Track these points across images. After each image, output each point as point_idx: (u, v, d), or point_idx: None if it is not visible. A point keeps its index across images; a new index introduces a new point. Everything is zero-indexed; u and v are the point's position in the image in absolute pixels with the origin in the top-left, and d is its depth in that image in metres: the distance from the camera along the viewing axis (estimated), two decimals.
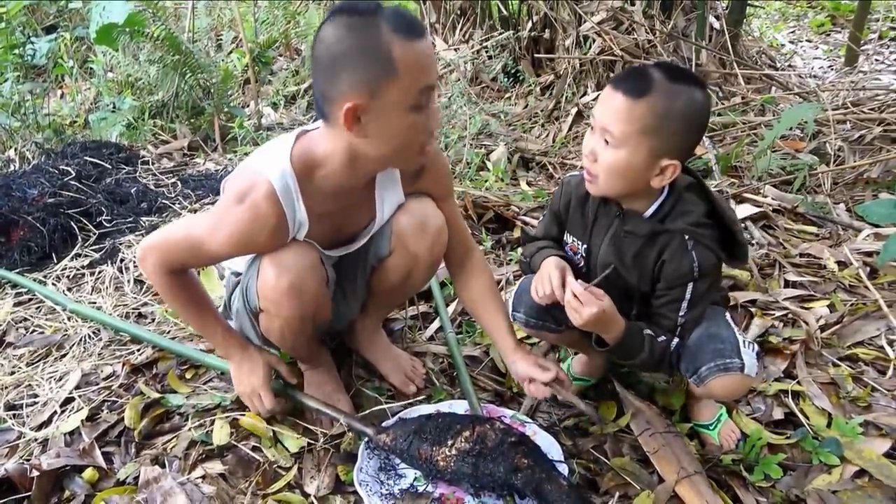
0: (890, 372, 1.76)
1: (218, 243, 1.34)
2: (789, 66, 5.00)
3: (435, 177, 1.55)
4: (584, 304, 1.33)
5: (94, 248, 2.54)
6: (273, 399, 1.56)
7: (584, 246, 1.48)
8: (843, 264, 2.27)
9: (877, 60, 5.09)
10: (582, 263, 1.50)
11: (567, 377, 1.50)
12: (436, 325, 2.04)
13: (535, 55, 4.45)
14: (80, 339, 2.00)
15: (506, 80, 4.37)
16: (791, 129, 3.28)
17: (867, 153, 3.10)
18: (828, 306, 2.04)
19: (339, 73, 1.19)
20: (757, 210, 2.63)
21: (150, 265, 1.42)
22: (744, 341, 1.40)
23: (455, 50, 4.62)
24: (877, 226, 2.45)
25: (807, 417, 1.63)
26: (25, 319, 2.15)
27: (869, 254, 2.31)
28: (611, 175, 1.33)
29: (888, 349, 1.83)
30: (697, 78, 1.31)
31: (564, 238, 1.54)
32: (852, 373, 1.76)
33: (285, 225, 1.34)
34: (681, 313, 1.39)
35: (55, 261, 2.47)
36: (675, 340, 1.41)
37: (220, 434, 1.58)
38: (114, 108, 3.98)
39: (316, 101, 1.26)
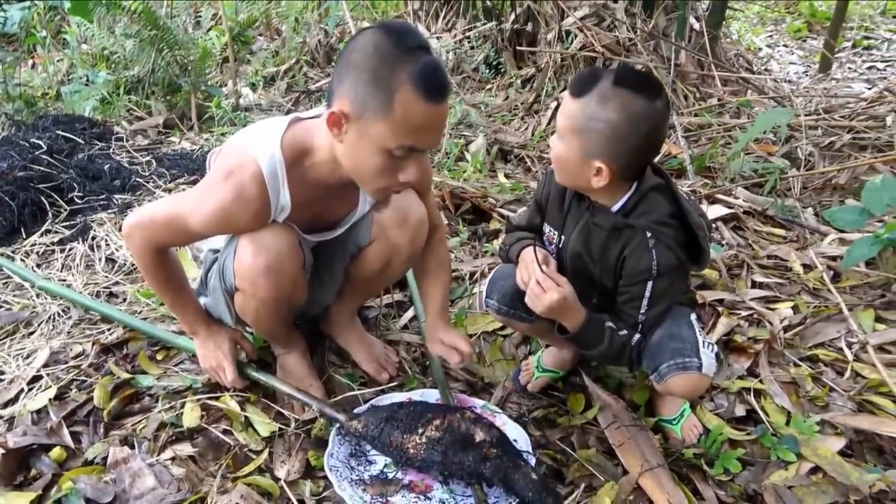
0: (847, 373, 1.82)
1: (200, 219, 1.34)
2: (766, 69, 5.09)
3: (422, 171, 1.56)
4: (546, 290, 1.37)
5: (64, 224, 2.50)
6: (236, 372, 1.60)
7: (559, 235, 1.52)
8: (808, 267, 2.33)
9: (849, 69, 5.20)
10: (555, 253, 1.53)
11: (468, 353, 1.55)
12: (410, 313, 2.05)
13: (517, 48, 4.46)
14: (49, 317, 1.97)
15: (487, 71, 4.37)
16: (764, 132, 3.35)
17: (836, 159, 3.18)
18: (792, 308, 2.10)
19: (347, 76, 1.19)
20: (728, 211, 2.69)
21: (136, 242, 1.43)
22: (703, 342, 1.44)
23: (437, 38, 4.61)
24: (842, 231, 2.53)
25: (767, 415, 1.68)
26: None
27: (833, 258, 2.38)
28: (556, 165, 1.41)
29: (847, 351, 1.89)
30: (651, 87, 1.29)
31: (543, 228, 1.57)
32: (812, 373, 1.82)
33: (268, 208, 1.35)
34: (641, 311, 1.42)
35: (24, 236, 2.43)
36: (637, 336, 1.44)
37: (191, 416, 1.58)
38: (87, 81, 3.90)
39: (329, 87, 1.26)
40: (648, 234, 1.37)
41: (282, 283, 1.43)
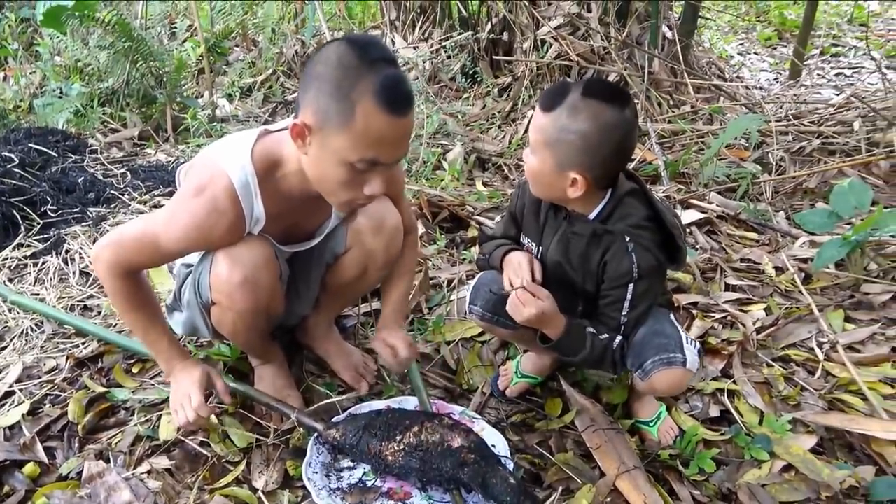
0: (818, 373, 1.86)
1: (173, 237, 1.32)
2: (737, 77, 5.18)
3: (391, 180, 1.56)
4: (524, 303, 1.39)
5: (37, 238, 2.47)
6: (202, 400, 1.42)
7: (537, 247, 1.54)
8: (780, 270, 2.38)
9: (818, 75, 5.31)
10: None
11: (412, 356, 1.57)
12: None
13: (494, 57, 4.50)
14: (22, 332, 1.95)
15: (464, 80, 4.40)
16: (736, 138, 3.41)
17: (806, 164, 3.25)
18: (764, 309, 2.14)
19: (311, 87, 1.20)
20: (702, 216, 2.73)
21: (103, 266, 1.37)
22: (686, 338, 1.47)
23: (414, 48, 4.63)
24: (812, 234, 2.58)
25: (741, 415, 1.71)
26: None
27: (805, 260, 2.42)
28: (530, 179, 1.44)
29: (818, 351, 1.92)
30: (619, 97, 1.32)
31: (521, 239, 1.59)
32: (784, 373, 1.86)
33: (242, 220, 1.34)
34: (623, 313, 1.44)
35: None
36: (618, 339, 1.47)
37: (167, 429, 1.56)
38: (61, 93, 3.86)
39: (296, 99, 1.26)
40: (627, 239, 1.39)
41: (259, 295, 1.42)
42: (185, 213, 1.31)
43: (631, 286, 1.41)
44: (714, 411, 1.73)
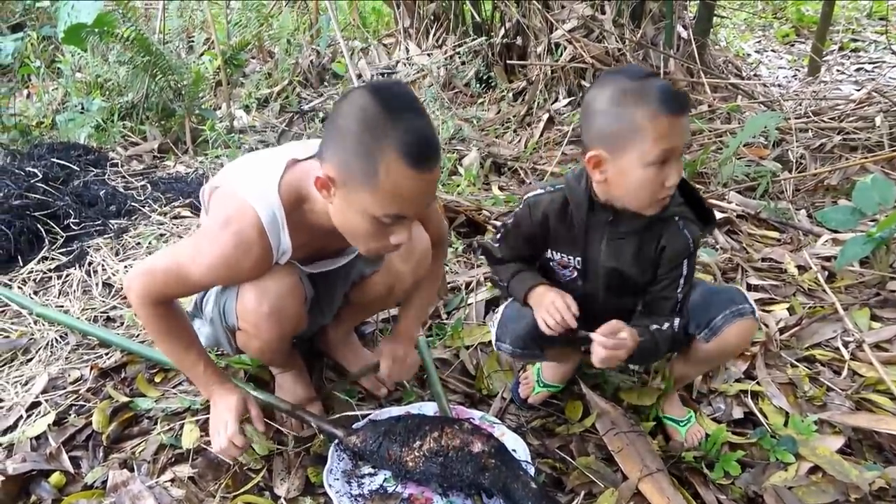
0: (844, 372, 1.83)
1: (201, 269, 1.30)
2: (755, 75, 5.13)
3: None
4: (615, 349, 1.33)
5: (61, 251, 2.51)
6: (237, 429, 1.40)
7: (578, 258, 1.48)
8: (802, 268, 2.34)
9: (838, 71, 5.23)
10: (576, 275, 1.50)
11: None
12: None
13: (508, 61, 4.50)
14: (47, 343, 1.98)
15: (478, 85, 4.41)
16: (755, 136, 3.37)
17: (827, 161, 3.20)
18: (787, 309, 2.11)
19: (333, 140, 1.17)
20: (722, 215, 2.71)
21: (134, 295, 1.36)
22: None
23: (428, 55, 4.65)
24: (835, 231, 2.54)
25: (765, 417, 1.69)
26: None
27: (827, 258, 2.39)
28: (670, 188, 1.33)
29: (843, 350, 1.89)
30: (632, 70, 1.30)
31: (549, 255, 1.53)
32: (809, 373, 1.83)
33: (269, 254, 1.32)
34: (678, 290, 1.43)
35: (21, 264, 2.43)
36: (677, 321, 1.44)
37: (190, 437, 1.58)
38: (82, 109, 3.92)
39: (320, 143, 1.23)
40: (677, 219, 1.40)
41: (284, 324, 1.43)
42: (213, 246, 1.29)
43: (686, 262, 1.42)
44: (738, 413, 1.71)
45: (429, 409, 1.65)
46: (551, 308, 1.42)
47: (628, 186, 1.30)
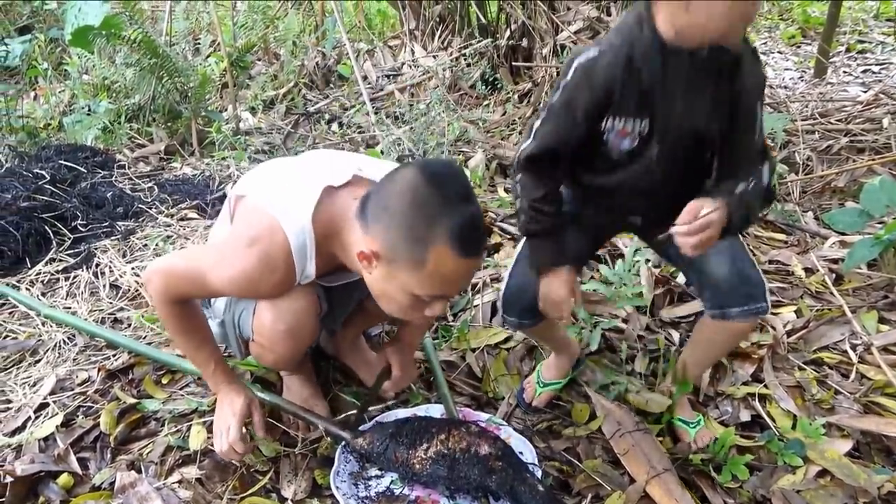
0: (853, 375, 1.82)
1: (220, 280, 1.30)
2: None
3: None
4: (701, 231, 1.21)
5: (68, 252, 2.52)
6: (239, 436, 1.42)
7: (645, 121, 1.30)
8: (810, 271, 2.33)
9: (844, 72, 5.22)
10: (636, 143, 1.33)
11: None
12: None
13: (513, 63, 4.50)
14: (55, 345, 1.99)
15: (484, 87, 4.41)
16: None
17: (834, 163, 3.19)
18: (795, 312, 2.10)
19: (382, 215, 1.17)
20: None
21: (154, 290, 1.37)
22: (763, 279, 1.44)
23: (434, 57, 4.65)
24: (842, 233, 2.53)
25: (773, 420, 1.68)
26: None
27: (835, 261, 2.38)
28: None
29: (851, 353, 1.88)
30: None
31: (606, 126, 1.33)
32: (817, 376, 1.82)
33: (293, 280, 1.32)
34: (756, 136, 1.33)
35: (29, 265, 2.45)
36: (765, 167, 1.34)
37: (197, 439, 1.58)
38: (89, 111, 3.94)
39: (367, 196, 1.22)
40: (745, 57, 1.27)
41: (300, 341, 1.44)
42: (237, 260, 1.28)
43: (758, 104, 1.32)
44: (745, 416, 1.71)
45: (435, 411, 1.65)
46: (556, 300, 1.43)
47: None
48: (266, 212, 1.29)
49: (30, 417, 1.69)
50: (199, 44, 4.59)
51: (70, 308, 2.19)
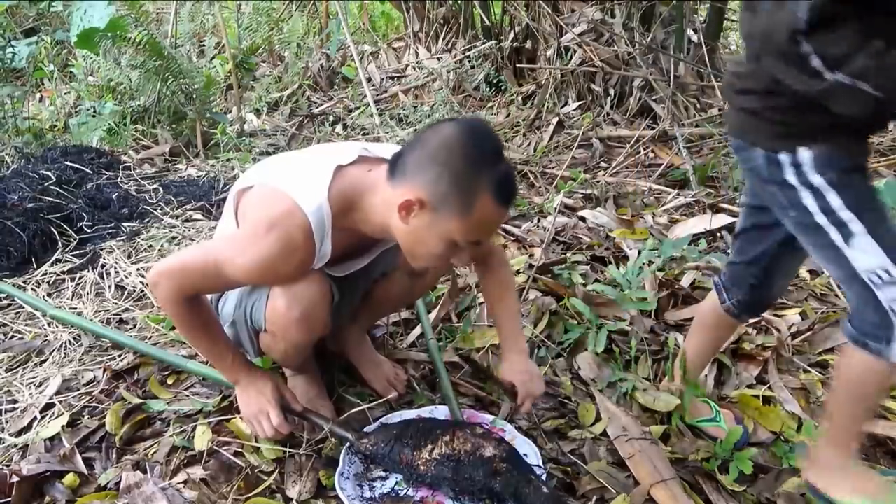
0: None
1: (241, 270, 1.30)
2: None
3: None
4: None
5: (74, 253, 2.53)
6: (282, 418, 1.49)
7: None
8: (814, 273, 2.33)
9: None
10: None
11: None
12: (417, 331, 2.06)
13: (517, 65, 4.51)
14: (61, 345, 1.99)
15: (488, 89, 4.42)
16: None
17: None
18: (800, 314, 2.10)
19: (429, 166, 1.23)
20: (732, 220, 2.69)
21: (163, 291, 1.36)
22: None
23: (438, 59, 4.66)
24: None
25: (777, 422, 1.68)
26: (4, 325, 2.13)
27: None
28: None
29: None
30: None
31: None
32: (822, 378, 1.82)
33: (312, 260, 1.33)
34: None
35: (35, 266, 2.45)
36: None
37: (202, 439, 1.58)
38: (94, 112, 3.96)
39: (399, 158, 1.29)
40: None
41: (313, 329, 1.44)
42: (257, 247, 1.28)
43: None
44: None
45: (440, 412, 1.65)
46: None
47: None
48: (282, 194, 1.30)
49: (36, 417, 1.69)
50: (203, 46, 4.62)
51: (76, 308, 2.20)
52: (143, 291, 2.27)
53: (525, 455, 1.45)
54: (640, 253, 2.30)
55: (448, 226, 1.25)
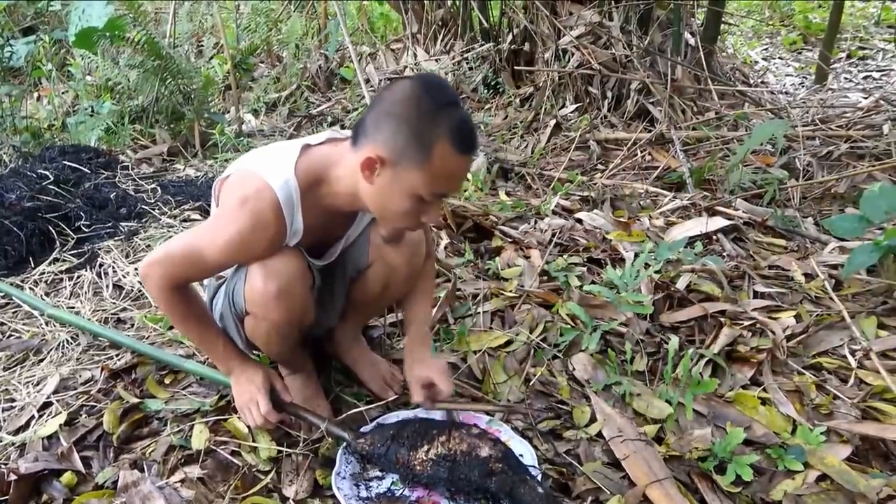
0: (851, 380, 1.83)
1: (217, 250, 1.34)
2: (762, 82, 5.13)
3: None
4: None
5: (72, 253, 2.53)
6: (270, 406, 1.52)
7: None
8: (809, 276, 2.34)
9: (845, 79, 5.24)
10: None
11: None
12: None
13: (515, 67, 4.53)
14: (59, 344, 2.00)
15: (486, 91, 4.43)
16: (762, 144, 3.37)
17: (834, 169, 3.21)
18: (794, 317, 2.11)
19: (385, 123, 1.26)
20: (728, 223, 2.71)
21: (153, 282, 1.40)
22: None
23: (436, 60, 4.67)
24: (842, 239, 2.54)
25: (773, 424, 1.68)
26: (2, 324, 2.14)
27: (834, 266, 2.39)
28: None
29: (850, 358, 1.89)
30: None
31: None
32: (816, 381, 1.83)
33: (284, 233, 1.37)
34: None
35: (33, 265, 2.46)
36: None
37: (199, 438, 1.59)
38: (92, 112, 3.96)
39: (360, 123, 1.32)
40: None
41: (293, 306, 1.45)
42: (230, 225, 1.33)
43: None
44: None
45: (437, 413, 1.65)
46: None
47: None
48: (251, 174, 1.36)
49: (33, 416, 1.70)
50: (202, 46, 4.62)
51: (73, 308, 2.20)
52: (140, 291, 2.27)
53: (521, 455, 1.46)
54: (636, 255, 2.31)
55: (410, 179, 1.26)
